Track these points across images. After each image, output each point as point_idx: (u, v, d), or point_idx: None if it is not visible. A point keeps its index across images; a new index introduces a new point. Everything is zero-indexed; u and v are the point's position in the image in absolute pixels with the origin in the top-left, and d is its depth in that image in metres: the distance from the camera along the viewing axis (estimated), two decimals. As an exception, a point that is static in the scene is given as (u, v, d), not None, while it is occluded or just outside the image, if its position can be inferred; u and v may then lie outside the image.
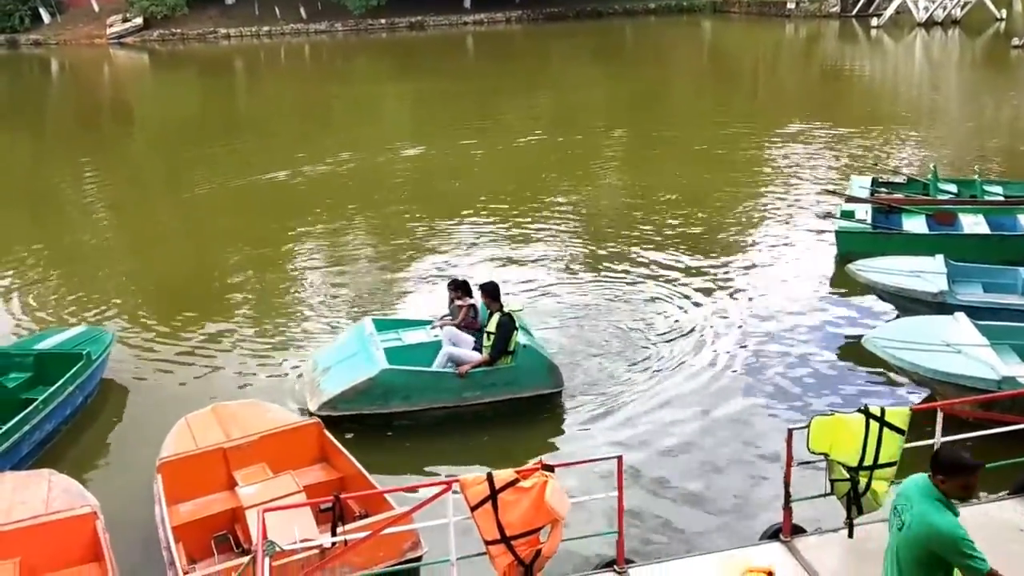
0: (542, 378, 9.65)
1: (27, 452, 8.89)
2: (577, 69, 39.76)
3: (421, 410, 9.45)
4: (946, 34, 47.31)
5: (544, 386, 9.67)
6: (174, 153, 25.78)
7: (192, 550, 7.07)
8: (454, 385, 9.45)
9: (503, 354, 9.50)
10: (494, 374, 9.49)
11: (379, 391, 9.30)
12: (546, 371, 9.67)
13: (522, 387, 9.58)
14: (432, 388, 9.46)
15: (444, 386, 9.47)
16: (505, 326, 9.45)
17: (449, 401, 9.49)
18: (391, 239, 16.21)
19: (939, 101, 30.84)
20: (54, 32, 57.05)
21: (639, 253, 14.80)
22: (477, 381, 9.47)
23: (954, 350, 8.89)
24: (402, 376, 9.37)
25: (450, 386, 9.46)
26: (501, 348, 9.46)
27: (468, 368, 9.44)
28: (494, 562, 6.03)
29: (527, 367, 9.56)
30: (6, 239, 17.28)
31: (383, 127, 28.43)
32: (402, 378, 9.36)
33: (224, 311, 13.16)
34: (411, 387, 9.38)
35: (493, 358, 9.47)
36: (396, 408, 9.38)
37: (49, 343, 10.73)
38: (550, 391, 9.71)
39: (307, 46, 53.35)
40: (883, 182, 16.12)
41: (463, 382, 9.43)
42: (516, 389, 9.56)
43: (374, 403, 9.32)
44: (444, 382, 9.46)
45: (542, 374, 9.65)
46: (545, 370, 9.66)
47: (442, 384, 9.47)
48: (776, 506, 6.94)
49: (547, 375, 9.68)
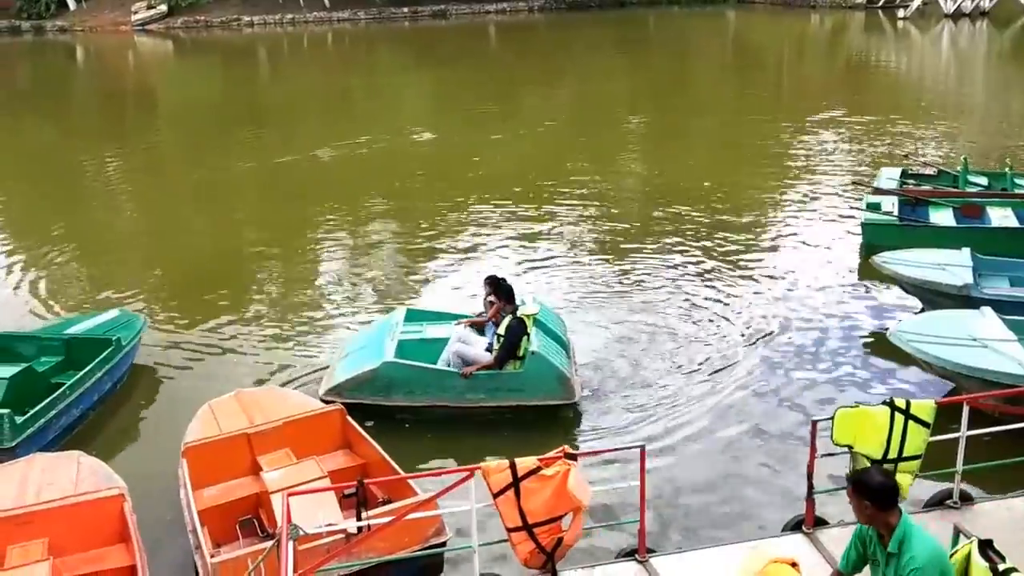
0: (551, 388, 9.14)
1: (54, 436, 8.96)
2: (600, 58, 39.57)
3: (423, 407, 9.25)
4: (974, 26, 46.69)
5: (552, 396, 9.15)
6: (198, 139, 25.95)
7: (217, 534, 7.13)
8: (457, 385, 9.18)
9: (510, 359, 9.18)
10: (499, 378, 9.15)
11: (381, 383, 9.22)
12: (555, 381, 9.14)
13: (529, 395, 9.14)
14: (434, 386, 9.21)
15: (447, 385, 9.20)
16: (513, 330, 9.16)
17: (451, 401, 9.21)
18: (414, 227, 16.23)
19: (968, 93, 30.48)
20: (79, 19, 57.40)
21: (662, 242, 14.77)
22: (481, 384, 9.16)
23: (980, 345, 8.81)
24: (403, 370, 9.22)
25: (453, 385, 9.19)
26: (508, 352, 9.15)
27: (472, 369, 9.16)
28: (516, 549, 6.07)
29: (536, 374, 9.11)
30: (36, 223, 17.51)
31: (404, 115, 28.42)
32: (403, 372, 9.21)
33: (251, 297, 13.25)
34: (413, 382, 9.21)
35: (499, 362, 9.15)
36: (399, 402, 9.25)
37: (80, 328, 10.77)
38: (558, 402, 9.17)
39: (330, 34, 53.40)
40: (913, 174, 15.95)
41: (466, 383, 9.16)
42: (522, 396, 9.15)
43: (377, 394, 9.25)
44: (447, 381, 9.21)
45: (551, 383, 9.14)
46: (555, 379, 9.14)
47: (445, 383, 9.21)
48: (799, 498, 6.93)
49: (557, 385, 9.15)
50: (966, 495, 6.80)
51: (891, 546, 4.81)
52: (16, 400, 8.90)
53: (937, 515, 6.60)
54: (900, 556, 4.77)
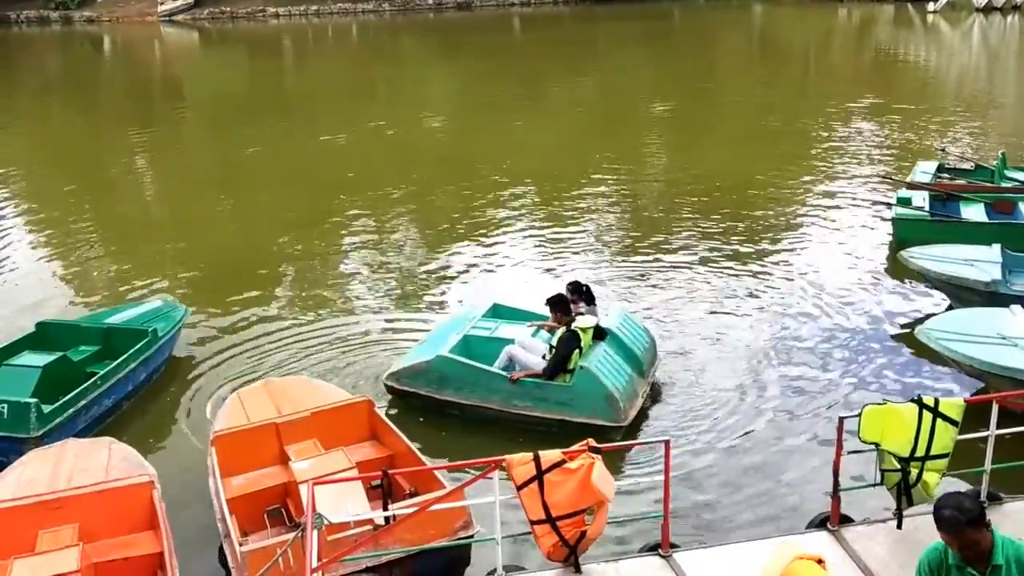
0: (598, 407, 8.77)
1: (84, 426, 9.01)
2: (625, 51, 39.38)
3: (472, 405, 9.21)
4: (1005, 20, 46.05)
5: (598, 416, 8.73)
6: (226, 129, 26.11)
7: (245, 523, 7.18)
8: (504, 389, 9.06)
9: (560, 371, 8.96)
10: (547, 389, 8.95)
11: (434, 376, 9.27)
12: (603, 400, 8.75)
13: (575, 411, 8.82)
14: (483, 386, 9.12)
15: (495, 387, 9.09)
16: (566, 342, 8.93)
17: (498, 404, 9.09)
18: (446, 220, 16.24)
19: (1001, 88, 30.07)
20: (107, 9, 57.83)
21: (688, 234, 14.74)
22: (528, 391, 9.00)
23: (1010, 343, 8.73)
24: (455, 367, 9.22)
25: (500, 388, 9.08)
26: (557, 364, 8.93)
27: (521, 375, 9.02)
28: (539, 542, 6.10)
29: (583, 391, 8.80)
30: (72, 212, 17.72)
31: (429, 106, 28.42)
32: (455, 369, 9.22)
33: (284, 288, 13.34)
34: (463, 380, 9.20)
35: (548, 373, 8.96)
36: (450, 397, 9.26)
37: (121, 317, 10.81)
38: (604, 423, 8.68)
39: (354, 25, 53.51)
40: (949, 168, 15.74)
41: (513, 388, 9.02)
42: (568, 411, 8.85)
43: (430, 386, 9.31)
44: (495, 383, 9.10)
45: (599, 403, 8.77)
46: (603, 399, 8.75)
47: (493, 384, 9.09)
48: (824, 495, 6.90)
49: (604, 405, 8.75)
50: (994, 495, 6.75)
51: (996, 558, 4.59)
52: (50, 389, 8.98)
53: (965, 514, 6.55)
54: (1012, 561, 4.60)
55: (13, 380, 8.98)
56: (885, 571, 6.07)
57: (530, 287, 12.52)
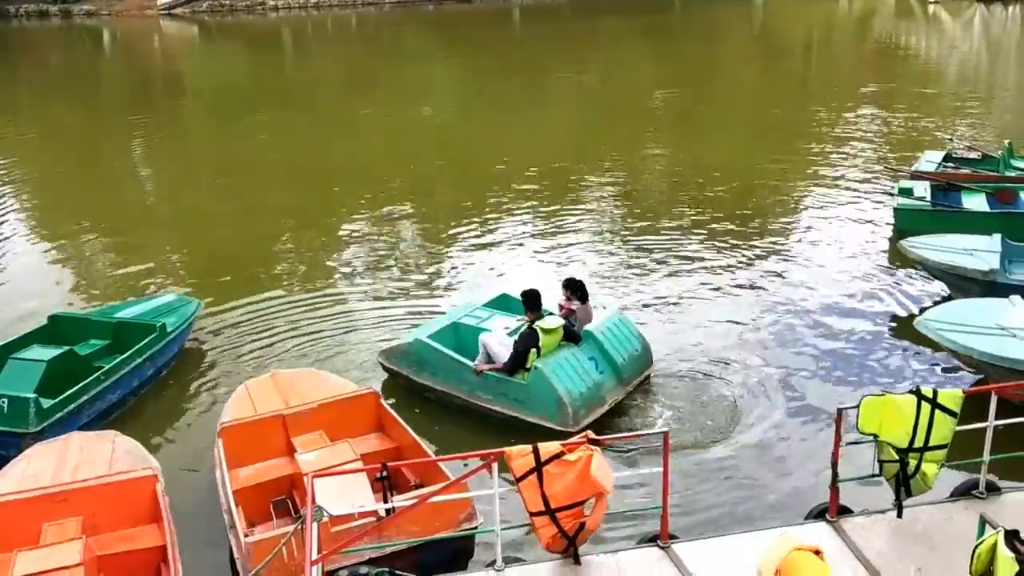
0: (547, 409, 8.62)
1: (88, 420, 9.02)
2: (626, 44, 39.35)
3: (443, 392, 9.32)
4: (1007, 10, 45.94)
5: (548, 419, 8.58)
6: (226, 122, 26.13)
7: (251, 513, 7.22)
8: (469, 379, 9.12)
9: (519, 368, 8.88)
10: (506, 384, 8.90)
11: (413, 359, 9.51)
12: (553, 403, 8.59)
13: (528, 410, 8.75)
14: (453, 375, 9.22)
15: (461, 376, 9.17)
16: (523, 339, 8.89)
17: (464, 394, 9.17)
18: (440, 211, 16.32)
19: (1003, 78, 30.01)
20: (106, 3, 57.81)
21: (689, 225, 14.77)
22: (491, 385, 8.99)
23: (1009, 334, 8.72)
24: (429, 351, 9.39)
25: (466, 379, 9.14)
26: (514, 360, 8.87)
27: (485, 367, 9.04)
28: (538, 533, 6.11)
29: (535, 391, 8.71)
30: (79, 205, 17.84)
31: (428, 99, 28.43)
32: (429, 353, 9.39)
33: (293, 281, 13.38)
34: (437, 365, 9.34)
35: (507, 368, 8.93)
36: (426, 381, 9.43)
37: (132, 311, 10.84)
38: (552, 426, 8.47)
39: (354, 18, 53.47)
40: (956, 157, 15.70)
41: (477, 380, 9.07)
42: (522, 409, 8.79)
43: (410, 368, 9.54)
44: (462, 372, 9.17)
45: (548, 405, 8.62)
46: (552, 402, 8.59)
47: (460, 374, 9.18)
48: (823, 486, 6.94)
49: (553, 408, 8.59)
50: (992, 485, 6.77)
51: None
52: (56, 383, 9.01)
53: (963, 505, 6.59)
54: None
55: (19, 374, 9.02)
56: (883, 562, 6.10)
57: (534, 281, 12.50)
